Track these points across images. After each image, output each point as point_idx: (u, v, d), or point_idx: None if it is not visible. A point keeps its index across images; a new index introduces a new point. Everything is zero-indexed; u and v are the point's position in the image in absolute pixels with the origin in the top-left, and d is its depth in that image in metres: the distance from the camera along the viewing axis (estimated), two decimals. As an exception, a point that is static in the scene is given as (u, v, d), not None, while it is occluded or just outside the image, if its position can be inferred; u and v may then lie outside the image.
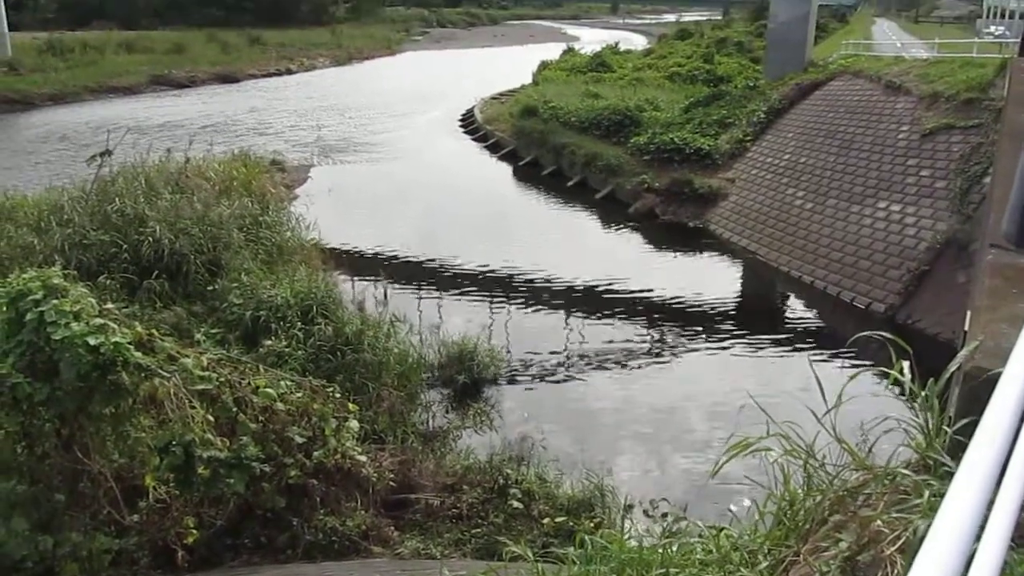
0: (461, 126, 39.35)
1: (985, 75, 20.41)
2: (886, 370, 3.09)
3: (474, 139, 36.43)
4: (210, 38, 66.15)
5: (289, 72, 61.04)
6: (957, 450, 2.74)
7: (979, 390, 2.76)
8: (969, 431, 2.05)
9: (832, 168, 21.50)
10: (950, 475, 2.53)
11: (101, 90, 46.96)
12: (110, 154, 14.80)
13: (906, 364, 3.16)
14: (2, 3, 51.70)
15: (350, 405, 8.65)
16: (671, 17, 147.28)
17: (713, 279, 19.58)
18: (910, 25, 71.43)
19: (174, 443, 6.89)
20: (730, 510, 5.06)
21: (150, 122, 37.19)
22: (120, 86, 48.34)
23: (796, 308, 18.49)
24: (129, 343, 6.80)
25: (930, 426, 3.03)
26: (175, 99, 47.29)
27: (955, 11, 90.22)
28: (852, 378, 2.98)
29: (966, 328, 3.94)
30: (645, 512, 9.58)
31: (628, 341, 15.55)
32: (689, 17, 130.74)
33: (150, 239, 13.05)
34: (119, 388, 6.74)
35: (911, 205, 18.39)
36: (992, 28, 52.22)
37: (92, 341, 6.51)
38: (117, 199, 13.97)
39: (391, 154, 32.69)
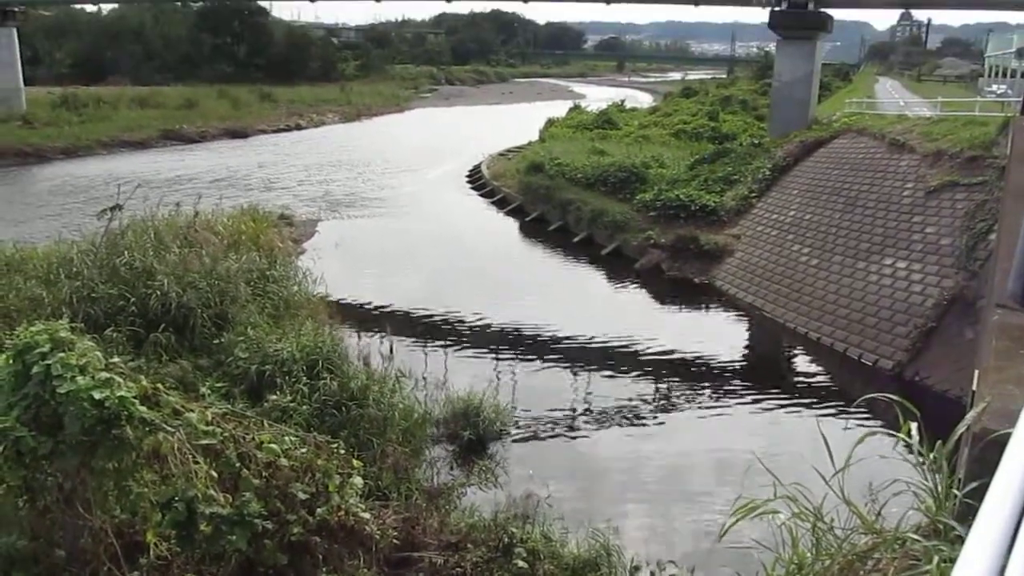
0: (468, 182, 39.69)
1: (988, 133, 20.59)
2: (894, 433, 3.07)
3: (481, 195, 36.73)
4: (221, 94, 67.17)
5: (299, 128, 61.84)
6: (967, 514, 2.71)
7: (988, 452, 2.73)
8: (979, 494, 2.03)
9: (837, 225, 21.58)
10: (960, 540, 2.49)
11: (113, 144, 47.62)
12: (120, 208, 14.92)
13: (914, 426, 3.14)
14: (18, 58, 52.74)
15: (354, 461, 8.58)
16: (676, 75, 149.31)
17: (719, 335, 19.54)
18: (913, 83, 72.21)
19: (177, 499, 6.84)
20: (738, 574, 4.98)
21: (161, 176, 37.60)
22: (132, 140, 49.00)
23: (803, 364, 18.40)
24: (134, 397, 6.79)
25: (939, 489, 3.00)
26: (186, 154, 47.88)
27: (957, 70, 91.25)
28: (860, 441, 2.96)
29: (974, 388, 3.92)
30: (652, 574, 9.44)
31: (634, 397, 15.47)
32: (694, 75, 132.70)
33: (158, 292, 13.10)
34: (123, 442, 6.70)
35: (917, 262, 18.42)
36: (994, 87, 52.72)
37: (97, 395, 6.50)
38: (126, 252, 14.07)
39: (399, 209, 32.94)
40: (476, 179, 39.39)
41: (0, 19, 51.26)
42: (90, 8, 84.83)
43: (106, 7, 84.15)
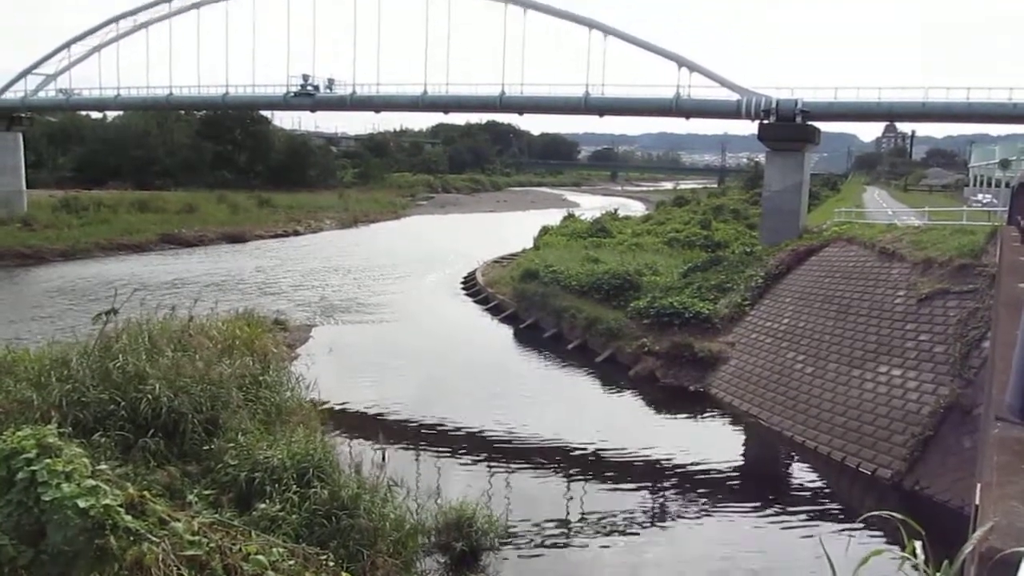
0: (463, 288, 39.93)
1: (976, 242, 20.89)
2: (898, 554, 3.00)
3: (476, 301, 36.88)
4: (221, 199, 68.01)
5: (296, 233, 62.56)
6: (977, 637, 2.62)
7: (996, 572, 2.67)
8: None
9: (831, 332, 21.64)
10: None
11: (112, 247, 48.03)
12: (116, 312, 14.90)
13: (919, 544, 3.07)
14: (22, 162, 53.78)
15: (343, 574, 8.35)
16: (668, 185, 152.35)
17: (715, 443, 19.34)
18: (900, 193, 73.74)
19: (158, 613, 6.61)
20: None
21: (158, 279, 37.82)
22: (131, 243, 49.48)
23: (801, 474, 18.16)
24: (120, 505, 6.65)
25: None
26: (183, 257, 48.27)
27: (942, 180, 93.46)
28: (864, 562, 2.89)
29: (976, 502, 3.85)
30: None
31: (631, 507, 15.18)
32: (686, 185, 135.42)
33: (149, 397, 12.95)
34: (106, 553, 6.53)
35: (912, 369, 18.40)
36: (980, 196, 53.82)
37: (82, 503, 6.37)
38: (120, 356, 13.97)
39: (393, 315, 33.00)
40: (471, 286, 39.64)
41: (7, 124, 52.56)
42: (95, 115, 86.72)
43: (111, 114, 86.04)
